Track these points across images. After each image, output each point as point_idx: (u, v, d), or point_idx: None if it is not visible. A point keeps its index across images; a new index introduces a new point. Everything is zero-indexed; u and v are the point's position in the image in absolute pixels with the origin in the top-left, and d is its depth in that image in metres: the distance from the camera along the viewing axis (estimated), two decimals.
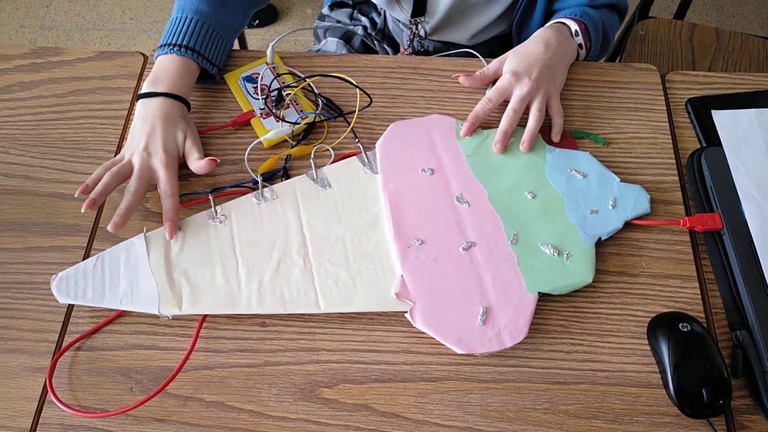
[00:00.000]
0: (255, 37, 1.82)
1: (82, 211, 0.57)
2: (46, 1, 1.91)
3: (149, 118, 0.63)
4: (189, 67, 0.67)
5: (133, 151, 0.62)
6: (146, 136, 0.62)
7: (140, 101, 0.65)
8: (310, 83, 0.71)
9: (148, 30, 1.85)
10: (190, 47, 0.66)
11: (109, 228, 0.58)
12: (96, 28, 1.85)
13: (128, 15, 1.88)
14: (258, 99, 0.70)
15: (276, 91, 0.69)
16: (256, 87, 0.71)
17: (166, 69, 0.66)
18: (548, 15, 0.81)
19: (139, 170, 0.61)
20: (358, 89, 0.70)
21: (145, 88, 0.65)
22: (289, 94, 0.70)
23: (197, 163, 0.63)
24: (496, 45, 0.90)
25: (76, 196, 0.59)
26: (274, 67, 0.72)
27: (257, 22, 1.83)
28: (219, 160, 0.63)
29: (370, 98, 0.70)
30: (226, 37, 0.71)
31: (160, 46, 0.67)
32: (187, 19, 0.67)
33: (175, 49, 0.66)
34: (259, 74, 0.72)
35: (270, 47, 0.71)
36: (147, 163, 0.62)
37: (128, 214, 0.59)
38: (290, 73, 0.72)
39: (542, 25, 0.75)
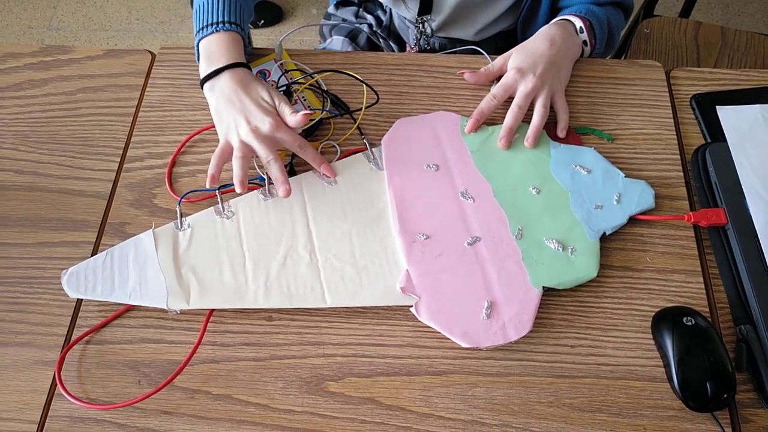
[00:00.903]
0: (260, 37, 1.83)
1: (207, 186, 0.59)
2: (54, 2, 1.92)
3: (228, 94, 0.62)
4: (236, 39, 0.66)
5: (236, 131, 0.61)
6: (241, 112, 0.62)
7: (207, 84, 0.64)
8: (319, 80, 0.72)
9: (154, 30, 1.86)
10: (232, 21, 0.66)
11: (283, 194, 0.60)
12: (103, 29, 1.86)
13: (135, 16, 1.89)
14: None
15: (284, 88, 0.69)
16: None
17: (215, 47, 0.65)
18: (553, 12, 0.81)
19: (262, 144, 0.60)
20: (365, 86, 0.71)
21: (204, 71, 0.64)
22: (297, 90, 0.70)
23: (293, 118, 0.61)
24: (501, 41, 0.90)
25: (208, 186, 0.60)
26: (282, 64, 0.72)
27: (262, 21, 1.84)
28: (312, 112, 0.63)
29: (377, 96, 0.71)
30: (250, 10, 0.71)
31: (199, 30, 0.66)
32: (215, 1, 0.67)
33: (219, 26, 0.65)
34: (268, 71, 0.72)
35: (278, 43, 0.72)
36: (261, 134, 0.61)
37: (285, 176, 0.60)
38: (298, 69, 0.73)
39: (547, 22, 0.75)
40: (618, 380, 0.56)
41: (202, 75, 0.65)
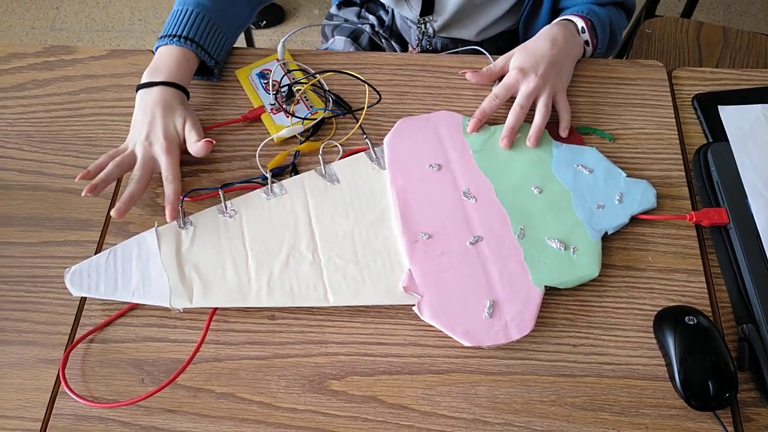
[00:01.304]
0: (262, 38, 1.84)
1: (83, 194, 0.59)
2: (56, 3, 1.93)
3: (149, 107, 0.64)
4: (188, 58, 0.68)
5: (135, 141, 0.64)
6: (147, 125, 0.64)
7: (140, 92, 0.66)
8: (321, 80, 0.72)
9: (156, 31, 1.86)
10: (189, 38, 0.67)
11: (113, 214, 0.59)
12: (105, 30, 1.87)
13: (137, 16, 1.89)
14: (269, 95, 0.71)
15: (286, 87, 0.70)
16: (267, 83, 0.72)
17: (164, 59, 0.67)
18: (555, 12, 0.81)
19: (142, 159, 0.62)
20: (367, 86, 0.71)
21: (144, 79, 0.66)
22: (300, 90, 0.71)
23: (195, 146, 0.63)
24: (503, 41, 0.90)
25: (76, 180, 0.60)
26: (284, 64, 0.73)
27: (264, 22, 1.84)
28: (214, 142, 0.64)
29: (380, 95, 0.71)
30: (228, 32, 0.72)
31: (160, 38, 0.68)
32: (187, 12, 0.68)
33: (174, 40, 0.67)
34: (270, 70, 0.73)
35: (281, 43, 0.72)
36: (149, 151, 0.63)
37: (131, 201, 0.60)
38: (301, 69, 0.73)
39: (549, 22, 0.75)
40: (620, 379, 0.56)
41: (142, 81, 0.66)
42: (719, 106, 0.70)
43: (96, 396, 0.55)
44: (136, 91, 0.66)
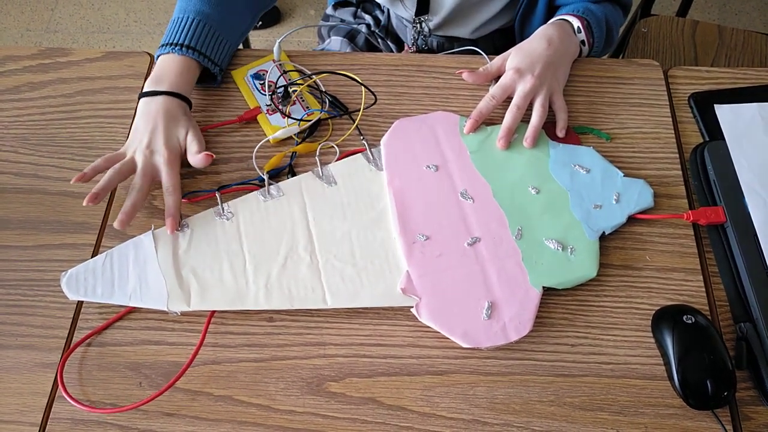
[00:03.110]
0: (258, 38, 1.83)
1: (84, 204, 0.58)
2: (51, 4, 1.92)
3: (152, 116, 0.64)
4: (190, 66, 0.67)
5: (135, 148, 0.63)
6: (149, 133, 0.63)
7: (142, 100, 0.65)
8: (317, 80, 0.72)
9: (152, 32, 1.86)
10: (191, 46, 0.67)
11: (116, 225, 0.59)
12: (101, 31, 1.86)
13: (132, 18, 1.89)
14: (265, 95, 0.71)
15: (282, 88, 0.69)
16: (263, 84, 0.72)
17: (167, 68, 0.67)
18: (551, 9, 0.81)
19: (143, 168, 0.62)
20: (363, 87, 0.71)
21: (147, 87, 0.66)
22: (296, 90, 0.70)
23: (195, 158, 0.63)
24: (499, 38, 0.90)
25: (72, 183, 0.60)
26: (280, 64, 0.73)
27: (260, 23, 1.84)
28: (214, 156, 0.64)
29: (375, 97, 0.71)
30: (230, 39, 0.72)
31: (162, 46, 0.68)
32: (188, 20, 0.68)
33: (176, 49, 0.67)
34: (266, 71, 0.72)
35: (277, 44, 0.72)
36: (150, 160, 0.62)
37: (134, 211, 0.60)
38: (297, 70, 0.73)
39: (545, 21, 0.75)
40: (619, 379, 0.56)
41: (145, 89, 0.66)
42: (715, 105, 0.70)
43: (93, 400, 0.55)
44: (139, 98, 0.66)
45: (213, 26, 0.69)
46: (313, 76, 0.71)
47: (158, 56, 0.68)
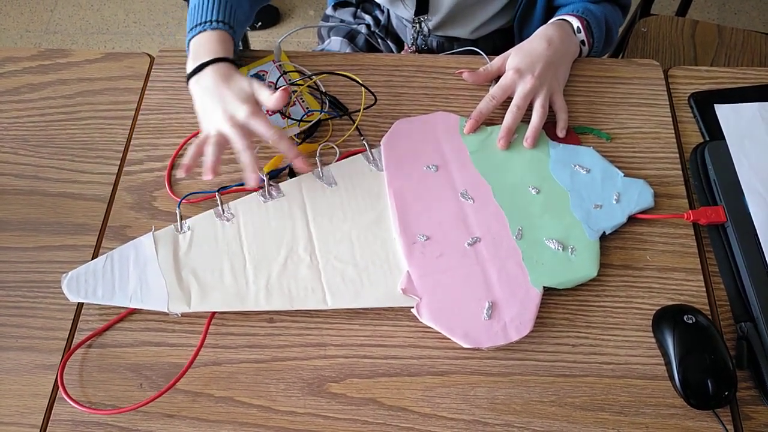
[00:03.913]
0: (258, 39, 1.83)
1: (183, 174, 0.60)
2: (51, 5, 1.92)
3: (209, 89, 0.63)
4: (225, 38, 0.66)
5: (216, 124, 0.62)
6: (218, 103, 0.62)
7: (192, 80, 0.64)
8: (317, 81, 0.72)
9: (151, 33, 1.86)
10: (222, 20, 0.66)
11: (252, 183, 0.59)
12: (100, 32, 1.86)
13: (132, 18, 1.89)
14: None
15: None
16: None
17: (203, 43, 0.65)
18: (550, 9, 0.81)
19: (236, 132, 0.60)
20: (363, 88, 0.71)
21: (190, 68, 0.65)
22: (296, 91, 0.70)
23: (272, 99, 0.61)
24: (499, 38, 0.90)
25: (183, 175, 0.61)
26: (280, 65, 0.73)
27: (260, 24, 1.84)
28: (291, 89, 0.63)
29: (375, 97, 0.71)
30: (241, 26, 0.71)
31: (191, 29, 0.67)
32: (211, 0, 0.67)
33: (207, 25, 0.66)
34: (266, 72, 0.72)
35: (277, 45, 0.72)
36: (236, 122, 0.61)
37: (255, 166, 0.60)
38: (297, 70, 0.73)
39: (544, 21, 0.75)
40: (619, 379, 0.56)
41: (189, 70, 0.65)
42: (715, 105, 0.70)
43: (94, 402, 0.55)
44: (187, 81, 0.65)
45: (232, 6, 0.68)
46: (314, 77, 0.71)
47: (189, 40, 0.67)
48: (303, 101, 0.71)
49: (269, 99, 0.61)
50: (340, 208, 0.63)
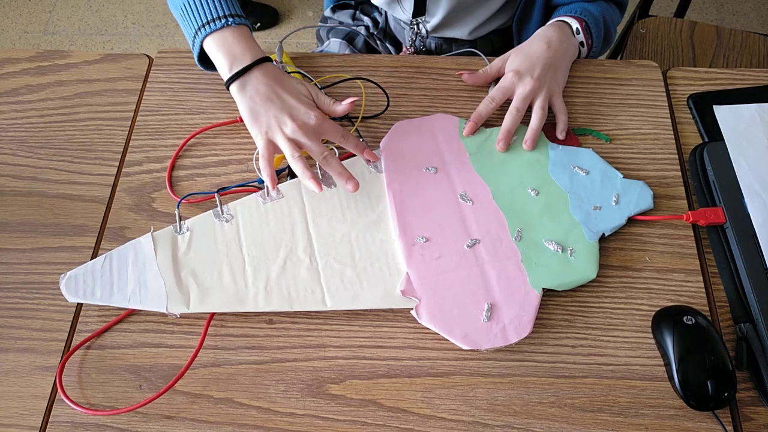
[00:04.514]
0: (257, 40, 1.83)
1: (271, 188, 0.59)
2: (49, 6, 1.92)
3: (264, 93, 0.60)
4: (249, 35, 0.63)
5: (280, 130, 0.59)
6: (279, 109, 0.60)
7: (235, 84, 0.61)
8: (317, 83, 0.72)
9: (150, 34, 1.86)
10: (238, 14, 0.63)
11: (352, 189, 0.60)
12: (99, 33, 1.86)
13: (130, 20, 1.89)
14: None
15: None
16: None
17: (231, 43, 0.62)
18: (548, 9, 0.81)
19: (311, 140, 0.60)
20: (362, 88, 0.71)
21: (229, 70, 0.61)
22: None
23: (339, 107, 0.61)
24: (497, 39, 0.90)
25: (272, 189, 0.60)
26: (282, 65, 0.72)
27: (259, 25, 1.84)
28: (357, 98, 0.64)
29: (388, 101, 0.70)
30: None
31: (204, 26, 0.62)
32: None
33: (229, 20, 0.62)
34: None
35: (279, 45, 0.72)
36: (309, 130, 0.60)
37: (347, 170, 0.60)
38: (298, 72, 0.73)
39: (542, 21, 0.75)
40: (619, 380, 0.56)
41: (228, 74, 0.61)
42: (714, 106, 0.70)
43: (93, 403, 0.55)
44: (228, 86, 0.62)
45: None
46: (314, 80, 0.71)
47: (205, 36, 0.62)
48: None
49: (336, 107, 0.62)
50: (340, 209, 0.63)
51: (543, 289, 0.58)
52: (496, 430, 0.54)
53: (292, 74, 0.72)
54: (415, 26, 0.87)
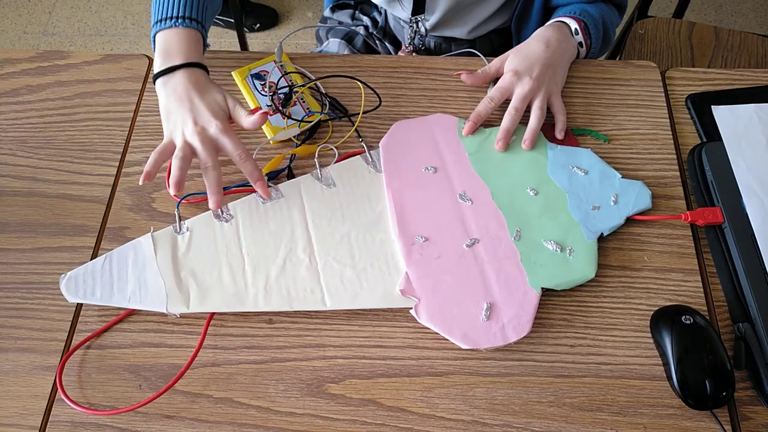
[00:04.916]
0: (256, 41, 1.83)
1: (143, 182, 0.58)
2: (49, 7, 1.92)
3: (180, 93, 0.62)
4: (197, 38, 0.65)
5: (181, 131, 0.61)
6: (188, 111, 0.61)
7: (160, 80, 0.63)
8: (317, 83, 0.72)
9: (149, 35, 1.86)
10: (192, 17, 0.64)
11: (213, 206, 0.59)
12: (98, 34, 1.86)
13: (130, 20, 1.89)
14: (265, 96, 0.71)
15: (287, 89, 0.69)
16: (264, 84, 0.72)
17: (175, 41, 0.64)
18: (547, 10, 0.82)
19: (204, 147, 0.60)
20: (362, 89, 0.71)
21: (160, 65, 0.63)
22: (297, 92, 0.70)
23: (249, 120, 0.61)
24: (496, 38, 0.91)
25: (141, 183, 0.60)
26: (282, 65, 0.73)
27: (258, 25, 1.84)
28: (270, 112, 0.62)
29: (380, 100, 0.71)
30: (210, 21, 0.70)
31: (158, 22, 0.65)
32: None
33: (178, 21, 0.64)
34: (267, 72, 0.73)
35: (279, 45, 0.72)
36: (206, 136, 0.60)
37: (220, 188, 0.60)
38: (298, 71, 0.73)
39: (541, 21, 0.75)
40: (618, 379, 0.56)
41: (157, 70, 0.63)
42: (713, 106, 0.71)
43: (93, 403, 0.55)
44: (154, 80, 0.64)
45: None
46: (315, 80, 0.71)
47: (156, 33, 0.65)
48: (304, 102, 0.71)
49: (247, 119, 0.61)
50: (339, 209, 0.63)
51: (542, 288, 0.59)
52: (495, 429, 0.54)
53: (291, 74, 0.72)
54: (415, 24, 0.87)
